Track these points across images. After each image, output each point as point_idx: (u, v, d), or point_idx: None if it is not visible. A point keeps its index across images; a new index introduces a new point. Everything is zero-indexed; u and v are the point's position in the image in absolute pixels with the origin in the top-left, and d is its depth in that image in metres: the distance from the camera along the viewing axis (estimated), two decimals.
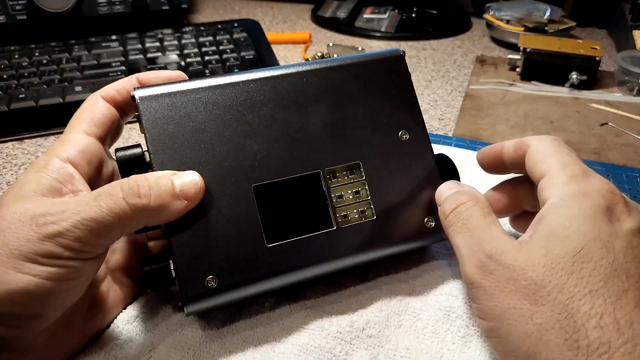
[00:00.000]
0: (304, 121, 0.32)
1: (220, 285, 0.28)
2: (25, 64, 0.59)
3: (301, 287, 0.33)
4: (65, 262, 0.24)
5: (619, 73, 0.63)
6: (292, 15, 0.91)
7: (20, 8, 0.63)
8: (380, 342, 0.30)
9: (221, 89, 0.31)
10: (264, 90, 0.31)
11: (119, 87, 0.31)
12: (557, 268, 0.24)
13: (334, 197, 0.31)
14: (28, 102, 0.54)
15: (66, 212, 0.24)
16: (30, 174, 0.26)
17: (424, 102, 0.60)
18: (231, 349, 0.29)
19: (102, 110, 0.30)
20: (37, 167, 0.27)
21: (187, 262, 0.28)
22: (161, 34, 0.66)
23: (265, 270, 0.29)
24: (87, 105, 0.30)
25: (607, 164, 0.48)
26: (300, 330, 0.30)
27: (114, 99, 0.30)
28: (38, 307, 0.24)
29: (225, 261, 0.28)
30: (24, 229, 0.24)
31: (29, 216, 0.24)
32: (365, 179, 0.32)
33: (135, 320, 0.31)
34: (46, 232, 0.23)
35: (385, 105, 0.34)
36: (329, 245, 0.30)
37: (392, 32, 0.80)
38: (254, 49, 0.65)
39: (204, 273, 0.28)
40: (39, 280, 0.23)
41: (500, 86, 0.63)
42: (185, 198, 0.27)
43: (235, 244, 0.29)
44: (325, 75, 0.33)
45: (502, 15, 0.76)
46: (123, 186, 0.25)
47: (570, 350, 0.22)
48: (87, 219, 0.24)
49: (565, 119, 0.56)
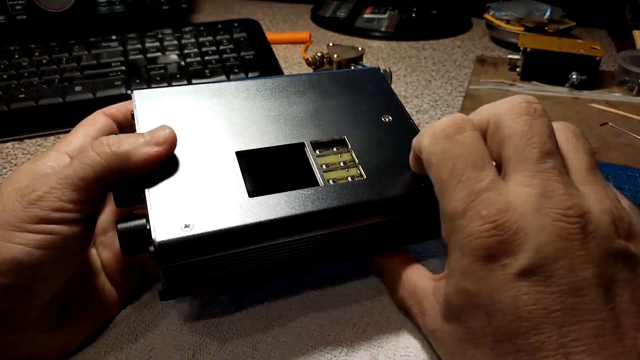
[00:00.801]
0: (289, 108, 0.34)
1: (197, 232, 0.25)
2: (25, 63, 0.59)
3: (301, 287, 0.33)
4: (52, 228, 0.25)
5: (619, 73, 0.63)
6: (292, 15, 0.91)
7: (20, 8, 0.63)
8: (380, 342, 0.30)
9: (212, 88, 0.35)
10: (252, 88, 0.35)
11: (119, 105, 0.33)
12: (449, 328, 0.25)
13: (321, 164, 0.31)
14: (28, 102, 0.54)
15: (44, 177, 0.26)
16: (27, 164, 0.28)
17: (424, 102, 0.60)
18: (231, 348, 0.29)
19: (102, 121, 0.32)
20: (35, 158, 0.29)
21: (162, 208, 0.26)
22: (161, 33, 0.66)
23: (247, 220, 0.26)
24: (88, 117, 0.32)
25: (607, 164, 0.48)
26: (300, 330, 0.30)
27: (114, 115, 0.33)
28: (29, 278, 0.25)
29: (203, 210, 0.27)
30: (10, 202, 0.25)
31: (14, 189, 0.26)
32: (351, 148, 0.32)
33: (135, 321, 0.31)
34: (29, 199, 0.25)
35: (365, 98, 0.36)
36: (316, 199, 0.28)
37: (392, 32, 0.80)
38: (253, 49, 0.65)
39: (179, 219, 0.26)
40: (28, 249, 0.24)
41: (500, 86, 0.63)
42: (155, 144, 0.28)
43: (216, 196, 0.27)
44: (310, 79, 0.37)
45: (502, 15, 0.76)
46: (94, 142, 0.27)
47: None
48: (63, 177, 0.26)
49: (565, 119, 0.56)
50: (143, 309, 0.32)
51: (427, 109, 0.58)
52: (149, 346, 0.29)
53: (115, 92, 0.56)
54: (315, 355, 0.29)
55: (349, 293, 0.33)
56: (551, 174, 0.22)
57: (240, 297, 0.32)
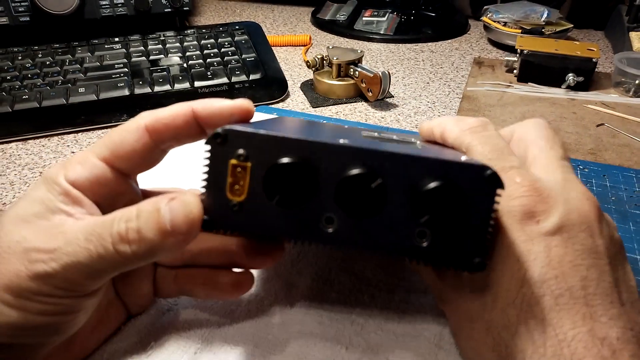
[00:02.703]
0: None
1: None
2: (28, 65, 0.60)
3: (301, 287, 0.33)
4: (56, 300, 0.23)
5: (615, 74, 0.63)
6: (293, 17, 0.92)
7: (23, 10, 0.64)
8: (380, 341, 0.30)
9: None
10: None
11: (171, 116, 0.26)
12: (477, 290, 0.25)
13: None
14: (31, 103, 0.55)
15: (57, 251, 0.22)
16: (37, 191, 0.25)
17: (422, 103, 0.61)
18: (230, 348, 0.29)
19: (135, 145, 0.25)
20: (46, 181, 0.25)
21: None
22: (163, 36, 0.67)
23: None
24: (125, 132, 0.26)
25: (603, 164, 0.48)
26: (299, 329, 0.31)
27: (158, 131, 0.26)
28: (30, 338, 0.24)
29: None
30: (15, 262, 0.22)
31: (22, 249, 0.23)
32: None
33: (136, 321, 0.31)
34: (35, 271, 0.22)
35: None
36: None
37: (391, 34, 0.81)
38: (254, 51, 0.66)
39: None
40: (30, 316, 0.22)
41: (498, 88, 0.64)
42: (178, 233, 0.22)
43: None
44: None
45: (500, 17, 0.76)
46: (112, 231, 0.22)
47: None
48: (76, 262, 0.22)
49: (561, 120, 0.57)
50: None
51: (425, 110, 0.59)
52: (148, 346, 0.29)
53: (118, 94, 0.57)
54: (315, 355, 0.29)
55: (349, 292, 0.33)
56: (570, 169, 0.27)
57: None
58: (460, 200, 0.22)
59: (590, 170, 0.47)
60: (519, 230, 0.24)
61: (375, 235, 0.23)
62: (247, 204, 0.23)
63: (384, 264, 0.35)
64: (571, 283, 0.23)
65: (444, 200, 0.22)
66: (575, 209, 0.25)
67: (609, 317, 0.23)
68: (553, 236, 0.24)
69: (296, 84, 0.66)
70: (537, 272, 0.23)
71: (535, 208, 0.24)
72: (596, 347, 0.22)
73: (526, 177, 0.25)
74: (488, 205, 0.23)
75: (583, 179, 0.46)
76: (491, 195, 0.22)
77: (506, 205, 0.25)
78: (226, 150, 0.23)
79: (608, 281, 0.24)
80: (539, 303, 0.23)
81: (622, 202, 0.43)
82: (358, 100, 0.61)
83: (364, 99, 0.61)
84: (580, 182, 0.27)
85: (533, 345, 0.23)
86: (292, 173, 0.22)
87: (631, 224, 0.40)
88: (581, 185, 0.26)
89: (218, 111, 0.26)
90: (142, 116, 0.26)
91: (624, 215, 0.41)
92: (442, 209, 0.22)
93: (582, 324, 0.22)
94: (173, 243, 0.22)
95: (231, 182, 0.23)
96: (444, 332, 0.30)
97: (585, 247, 0.24)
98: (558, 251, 0.24)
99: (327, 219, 0.23)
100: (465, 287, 0.26)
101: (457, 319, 0.27)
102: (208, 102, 0.26)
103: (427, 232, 0.23)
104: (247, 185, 0.23)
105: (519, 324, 0.23)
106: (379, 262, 0.35)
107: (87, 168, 0.25)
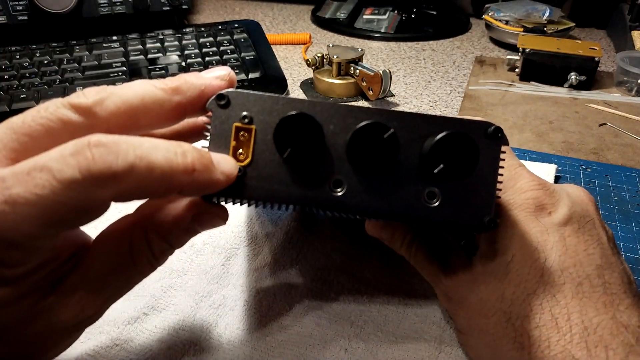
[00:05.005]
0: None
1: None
2: (26, 64, 0.59)
3: (300, 287, 0.33)
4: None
5: (618, 73, 0.63)
6: (292, 16, 0.91)
7: (21, 9, 0.63)
8: (379, 340, 0.30)
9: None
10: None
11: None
12: (494, 282, 0.25)
13: None
14: (29, 103, 0.54)
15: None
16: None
17: (423, 102, 0.60)
18: (230, 348, 0.29)
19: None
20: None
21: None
22: (162, 34, 0.67)
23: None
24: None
25: (606, 164, 0.48)
26: (298, 331, 0.30)
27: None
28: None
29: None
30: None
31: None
32: None
33: (136, 322, 0.31)
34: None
35: None
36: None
37: (392, 32, 0.80)
38: (254, 50, 0.65)
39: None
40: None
41: (499, 87, 0.64)
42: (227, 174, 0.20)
43: None
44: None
45: (501, 16, 0.76)
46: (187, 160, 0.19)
47: (518, 351, 0.24)
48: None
49: (564, 119, 0.56)
50: (143, 310, 0.32)
51: (427, 109, 0.59)
52: (148, 346, 0.29)
53: None
54: (315, 354, 0.29)
55: (348, 292, 0.33)
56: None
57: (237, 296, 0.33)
58: (469, 152, 0.22)
59: (592, 170, 0.47)
60: (533, 221, 0.25)
61: (384, 198, 0.23)
62: (251, 169, 0.22)
63: (383, 264, 0.34)
64: (588, 271, 0.24)
65: (454, 150, 0.22)
66: (578, 202, 0.26)
67: (626, 306, 0.23)
68: (565, 226, 0.25)
69: (296, 83, 0.65)
70: (556, 260, 0.24)
71: (545, 201, 0.26)
72: (622, 334, 0.22)
73: (532, 174, 0.27)
74: (495, 161, 0.23)
75: (585, 178, 0.46)
76: (497, 151, 0.23)
77: (518, 197, 0.26)
78: (229, 113, 0.22)
79: (618, 271, 0.24)
80: (562, 291, 0.24)
81: (625, 202, 0.42)
82: (359, 99, 0.61)
83: (364, 97, 0.61)
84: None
85: (558, 332, 0.23)
86: (303, 126, 0.21)
87: (634, 224, 0.40)
88: (573, 184, 0.28)
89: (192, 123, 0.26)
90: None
91: (626, 215, 0.41)
92: (453, 160, 0.22)
93: (605, 311, 0.23)
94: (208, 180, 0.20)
95: (235, 146, 0.22)
96: (444, 334, 0.30)
97: (593, 237, 0.25)
98: (571, 240, 0.25)
99: (335, 182, 0.22)
100: (479, 282, 0.26)
101: (468, 316, 0.26)
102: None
103: (436, 192, 0.23)
104: (252, 150, 0.22)
105: (542, 313, 0.23)
106: (378, 263, 0.34)
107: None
